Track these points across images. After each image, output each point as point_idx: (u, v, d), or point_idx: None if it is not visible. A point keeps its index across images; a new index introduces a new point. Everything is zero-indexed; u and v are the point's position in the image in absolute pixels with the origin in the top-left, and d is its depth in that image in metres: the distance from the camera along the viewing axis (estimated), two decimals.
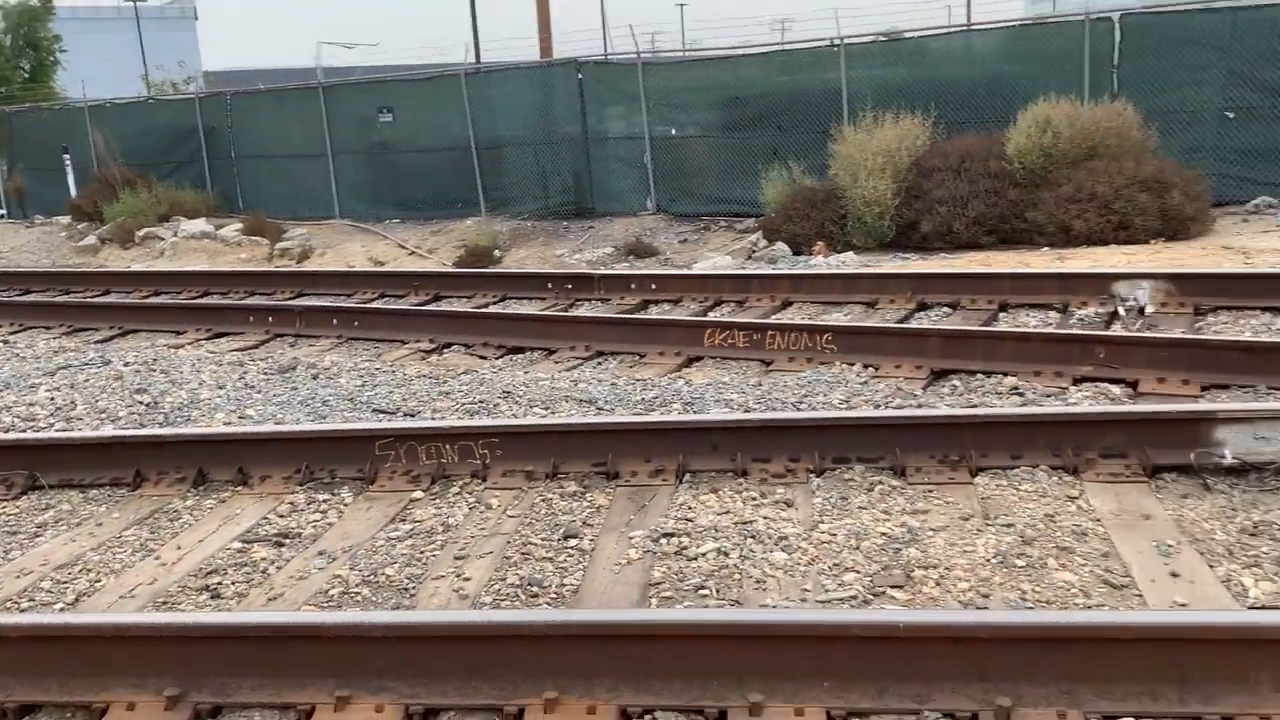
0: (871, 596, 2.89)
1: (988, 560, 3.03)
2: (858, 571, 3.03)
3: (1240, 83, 12.95)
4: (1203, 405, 3.69)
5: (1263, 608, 2.69)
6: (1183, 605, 2.71)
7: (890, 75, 14.73)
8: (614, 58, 17.85)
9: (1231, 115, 12.96)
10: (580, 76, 17.03)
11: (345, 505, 3.92)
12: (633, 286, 7.74)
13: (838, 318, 6.59)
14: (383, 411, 5.07)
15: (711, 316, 6.86)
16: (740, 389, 5.01)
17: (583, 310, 7.52)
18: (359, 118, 18.42)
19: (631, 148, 16.83)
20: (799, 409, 4.58)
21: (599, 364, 5.95)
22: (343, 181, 18.49)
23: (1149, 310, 5.88)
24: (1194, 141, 12.89)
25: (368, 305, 8.31)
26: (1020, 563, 3.00)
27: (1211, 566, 2.93)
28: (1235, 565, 2.95)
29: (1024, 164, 11.49)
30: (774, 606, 2.84)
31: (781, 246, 12.88)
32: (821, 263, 11.44)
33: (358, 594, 3.19)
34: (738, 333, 5.69)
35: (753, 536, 3.32)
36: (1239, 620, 2.19)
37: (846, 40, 14.86)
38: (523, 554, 3.33)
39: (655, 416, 4.35)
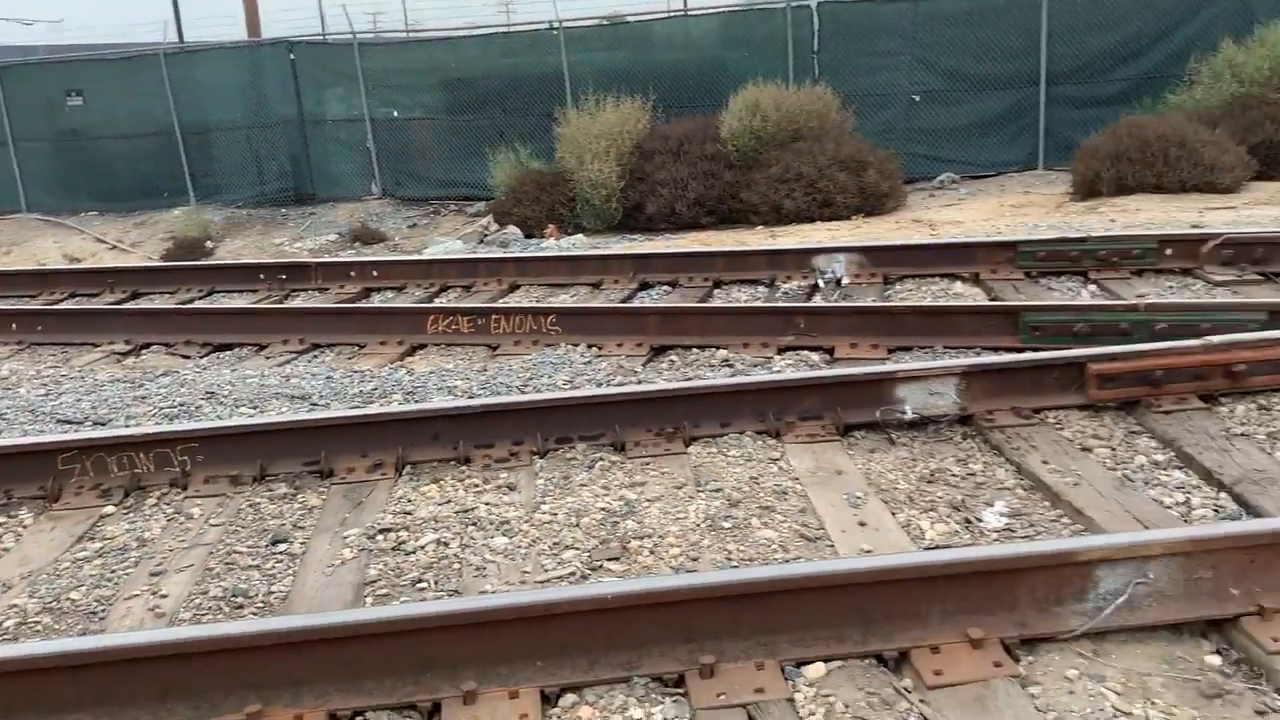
0: (589, 571, 2.94)
1: (698, 525, 3.15)
2: (577, 549, 3.07)
3: (924, 68, 14.17)
4: (886, 367, 4.01)
5: (935, 547, 2.95)
6: (868, 551, 2.93)
7: (612, 59, 15.02)
8: (331, 38, 17.13)
9: (918, 98, 14.17)
10: (293, 57, 16.22)
11: (24, 528, 3.55)
12: (353, 274, 7.47)
13: (564, 299, 6.65)
14: (68, 422, 4.63)
15: (437, 303, 6.74)
16: (465, 375, 4.95)
17: (298, 301, 7.18)
18: (44, 102, 16.68)
19: (353, 131, 16.25)
20: (523, 392, 4.59)
21: (315, 357, 5.71)
22: (28, 172, 16.71)
23: (845, 281, 6.33)
24: (886, 123, 13.99)
25: (54, 306, 7.56)
26: (727, 525, 3.15)
27: (894, 514, 3.19)
28: (915, 510, 3.22)
29: (737, 146, 12.05)
30: (492, 593, 2.82)
31: (513, 230, 12.85)
32: (553, 245, 11.52)
33: (37, 624, 2.90)
34: (462, 318, 5.62)
35: (474, 524, 3.29)
36: (909, 561, 2.39)
37: (566, 24, 14.98)
38: (226, 564, 3.14)
39: (373, 409, 4.22)
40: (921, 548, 2.98)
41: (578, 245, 11.14)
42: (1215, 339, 3.95)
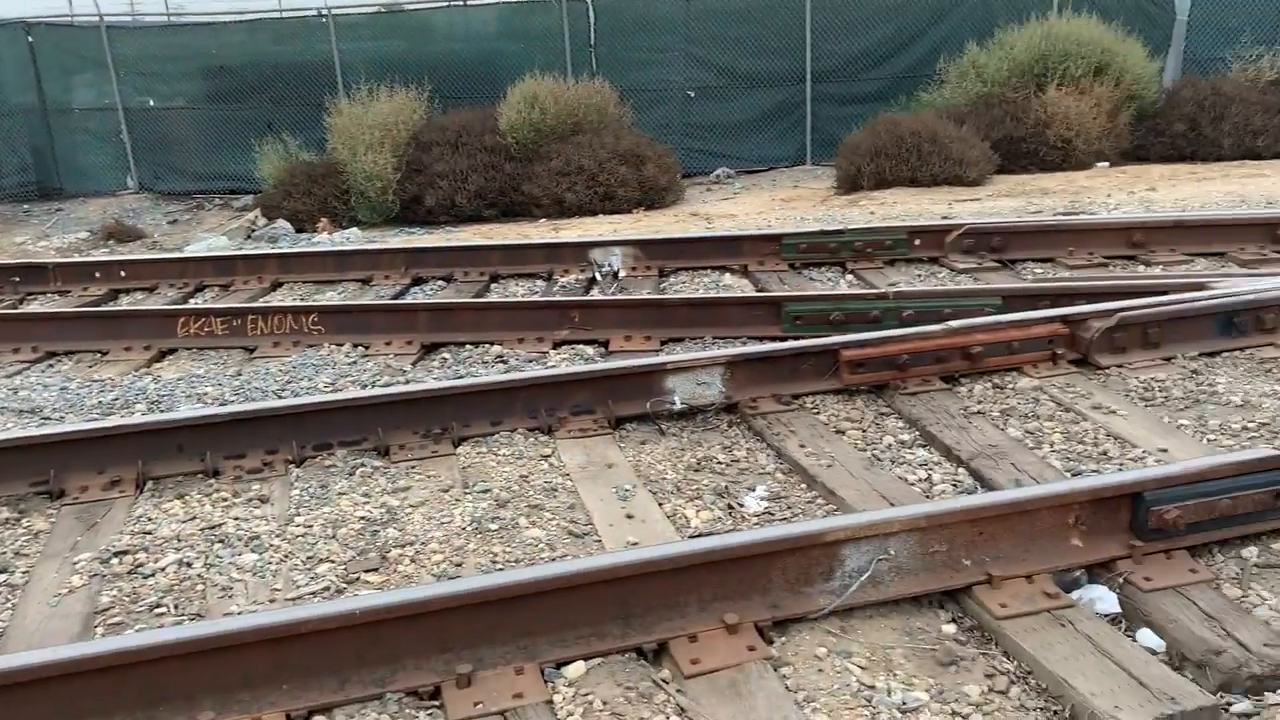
0: (345, 585, 2.81)
1: (463, 529, 3.07)
2: (333, 561, 2.92)
3: (698, 65, 14.54)
4: (655, 359, 4.05)
5: (699, 535, 2.99)
6: (634, 544, 2.93)
7: (386, 48, 14.59)
8: (78, 20, 15.81)
9: (693, 94, 14.52)
10: (31, 40, 14.89)
11: None
12: (98, 275, 6.89)
13: (331, 297, 6.38)
14: None
15: (191, 304, 6.31)
16: (217, 381, 4.65)
17: (34, 306, 6.57)
18: None
19: (105, 120, 15.11)
20: (280, 397, 4.36)
21: (50, 367, 5.22)
22: None
23: (622, 274, 6.38)
24: (664, 118, 14.27)
25: None
26: (494, 526, 3.08)
27: (661, 504, 3.21)
28: (681, 500, 3.26)
29: (516, 138, 11.98)
30: (238, 614, 2.65)
31: (283, 224, 12.28)
32: (326, 240, 11.08)
33: None
34: (216, 320, 5.28)
35: (221, 541, 3.08)
36: (667, 553, 2.41)
37: (336, 11, 14.44)
38: None
39: (111, 421, 3.88)
40: (686, 536, 3.01)
41: (352, 239, 10.77)
42: (955, 324, 4.21)
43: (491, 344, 4.99)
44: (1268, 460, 2.74)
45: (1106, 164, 12.36)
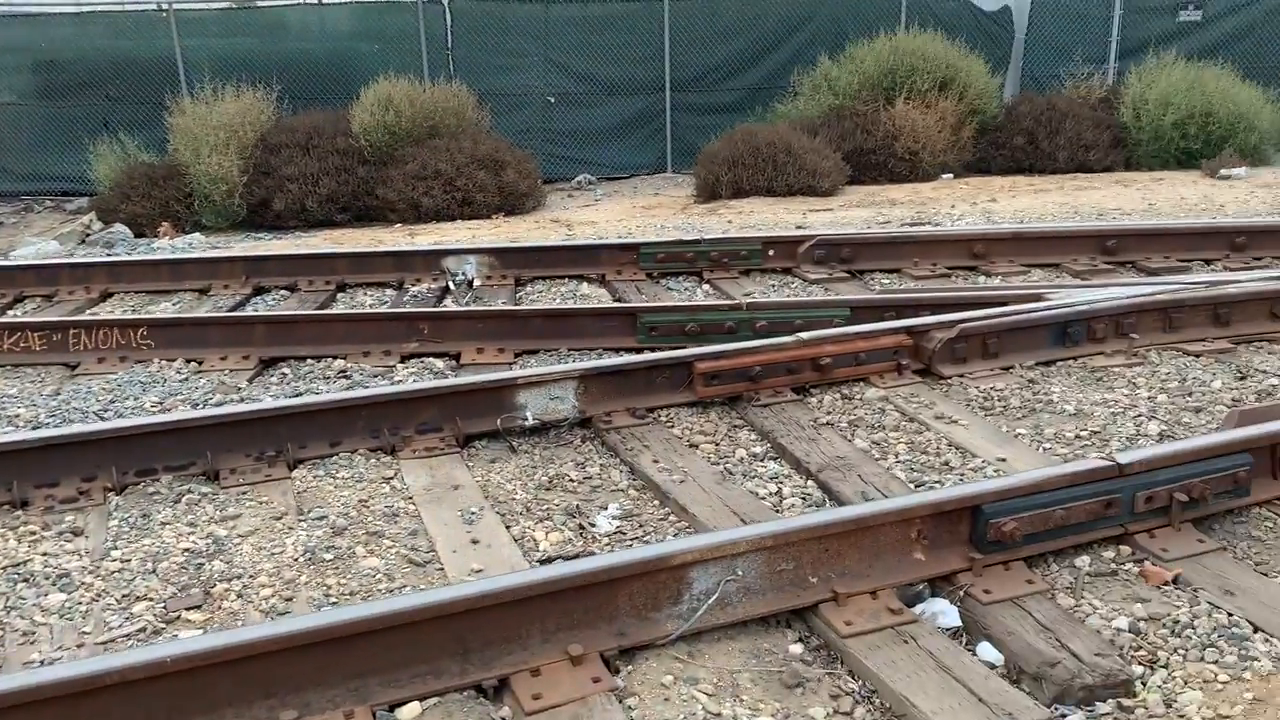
0: (164, 625, 2.60)
1: (296, 560, 2.90)
2: (151, 599, 2.71)
3: (558, 70, 14.44)
4: (506, 373, 3.94)
5: (547, 560, 2.90)
6: (479, 571, 2.82)
7: (233, 45, 13.97)
8: None
9: (553, 99, 14.41)
10: None
11: None
12: None
13: (166, 308, 6.02)
14: None
15: (7, 317, 5.86)
16: (31, 402, 4.31)
17: None
18: None
19: None
20: (102, 418, 4.06)
21: None
22: None
23: (477, 283, 6.23)
24: (524, 123, 14.11)
25: None
26: (329, 556, 2.92)
27: (509, 527, 3.11)
28: (530, 521, 3.16)
29: (370, 141, 11.63)
30: (38, 664, 2.42)
31: (121, 228, 11.59)
32: (167, 245, 10.51)
33: None
34: (32, 334, 4.89)
35: (25, 580, 2.82)
36: (508, 584, 2.31)
37: (178, 6, 13.76)
38: None
39: None
40: (534, 560, 2.92)
41: (195, 245, 10.23)
42: (805, 335, 4.25)
43: (335, 358, 4.78)
44: (1098, 471, 2.82)
45: (951, 176, 12.83)
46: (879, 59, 13.06)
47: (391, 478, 3.47)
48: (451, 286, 6.20)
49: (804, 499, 3.27)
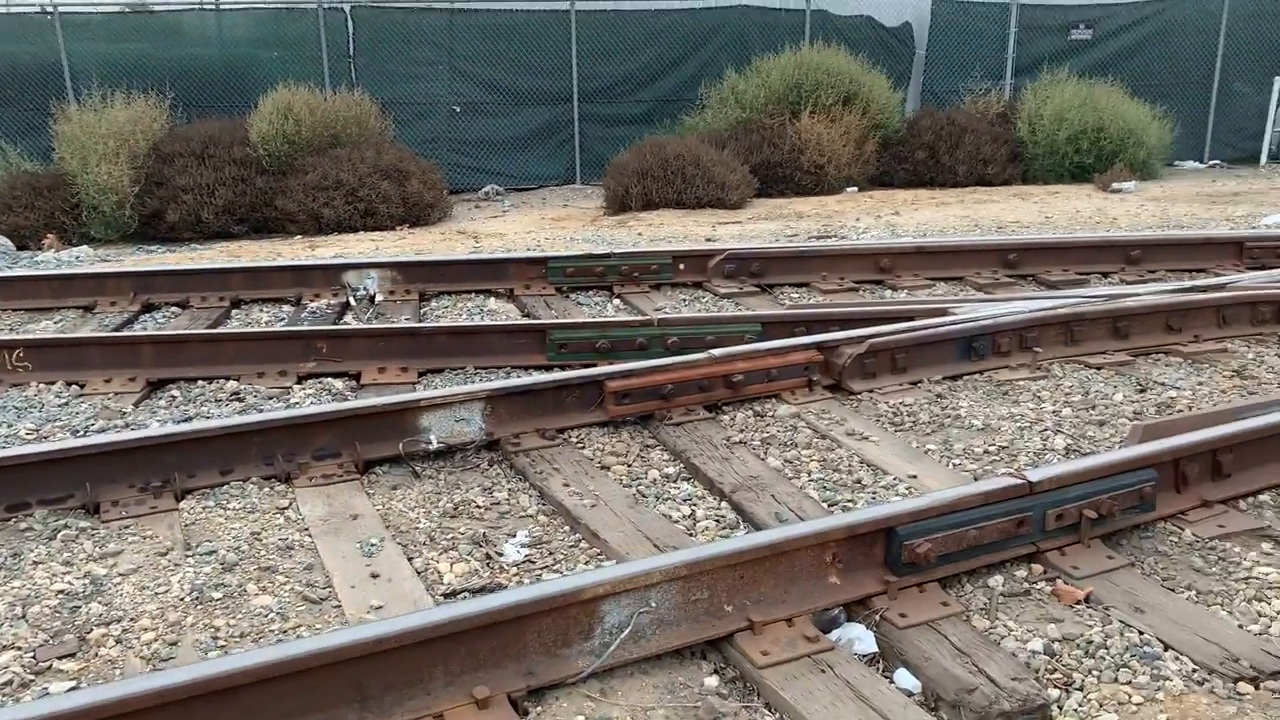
0: (33, 677, 2.40)
1: (182, 600, 2.72)
2: (19, 648, 2.50)
3: (464, 80, 14.26)
4: (409, 395, 3.79)
5: (452, 593, 2.78)
6: (379, 608, 2.68)
7: (124, 51, 13.44)
8: None
9: (458, 109, 14.22)
10: None
11: None
12: None
13: (46, 326, 5.70)
14: None
15: None
16: None
17: None
18: None
19: None
20: None
21: None
22: None
23: (379, 299, 6.04)
24: (429, 133, 13.89)
25: None
26: (218, 595, 2.74)
27: (411, 559, 2.97)
28: (434, 552, 3.03)
29: (269, 151, 11.30)
30: None
31: (3, 240, 11.03)
32: (52, 258, 10.03)
33: None
34: None
35: None
36: (407, 625, 2.18)
37: (64, 9, 13.19)
38: None
39: None
40: (438, 594, 2.79)
41: (83, 258, 9.78)
42: (717, 352, 4.19)
43: (227, 379, 4.56)
44: (1010, 489, 2.81)
45: (855, 189, 13.03)
46: (785, 73, 13.20)
47: (286, 508, 3.30)
48: (352, 302, 6.00)
49: (718, 521, 3.20)
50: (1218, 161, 15.79)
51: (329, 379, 4.62)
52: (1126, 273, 6.62)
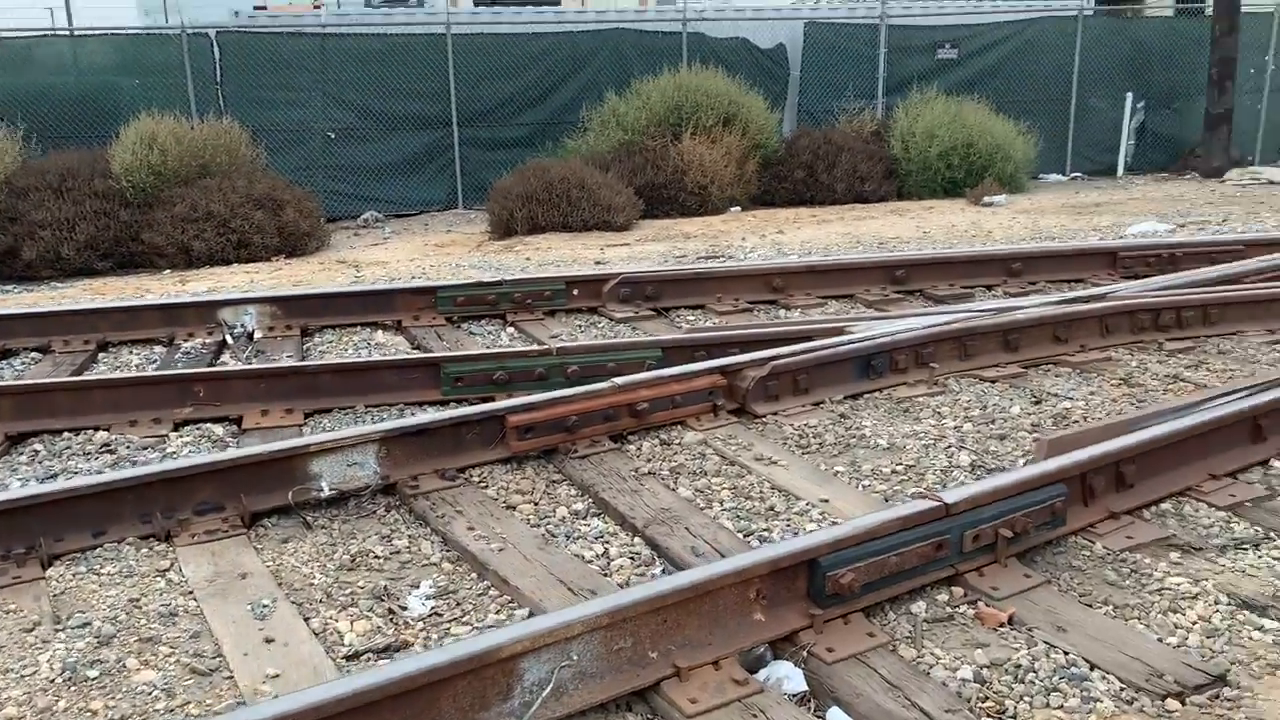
0: None
1: (53, 681, 2.46)
2: None
3: (338, 105, 13.91)
4: (297, 440, 3.56)
5: (354, 655, 2.59)
6: (275, 676, 2.48)
7: None
8: None
9: (333, 135, 13.84)
10: None
11: None
12: None
13: None
14: None
15: None
16: None
17: None
18: None
19: None
20: None
21: None
22: None
23: (258, 336, 5.75)
24: (303, 160, 13.49)
25: None
26: (94, 673, 2.49)
27: (308, 619, 2.77)
28: (333, 609, 2.83)
29: (133, 182, 10.77)
30: None
31: None
32: None
33: None
34: None
35: None
36: (308, 701, 1.99)
37: None
38: None
39: None
40: (340, 657, 2.60)
41: None
42: (621, 380, 4.09)
43: (97, 429, 4.24)
44: (927, 512, 2.78)
45: (739, 208, 13.16)
46: (665, 95, 13.27)
47: (167, 570, 3.05)
48: (230, 340, 5.69)
49: (632, 559, 3.09)
50: (1079, 174, 16.52)
51: (208, 425, 4.34)
52: (1009, 285, 6.80)
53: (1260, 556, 2.94)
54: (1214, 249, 7.15)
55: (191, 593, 2.91)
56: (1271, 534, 3.07)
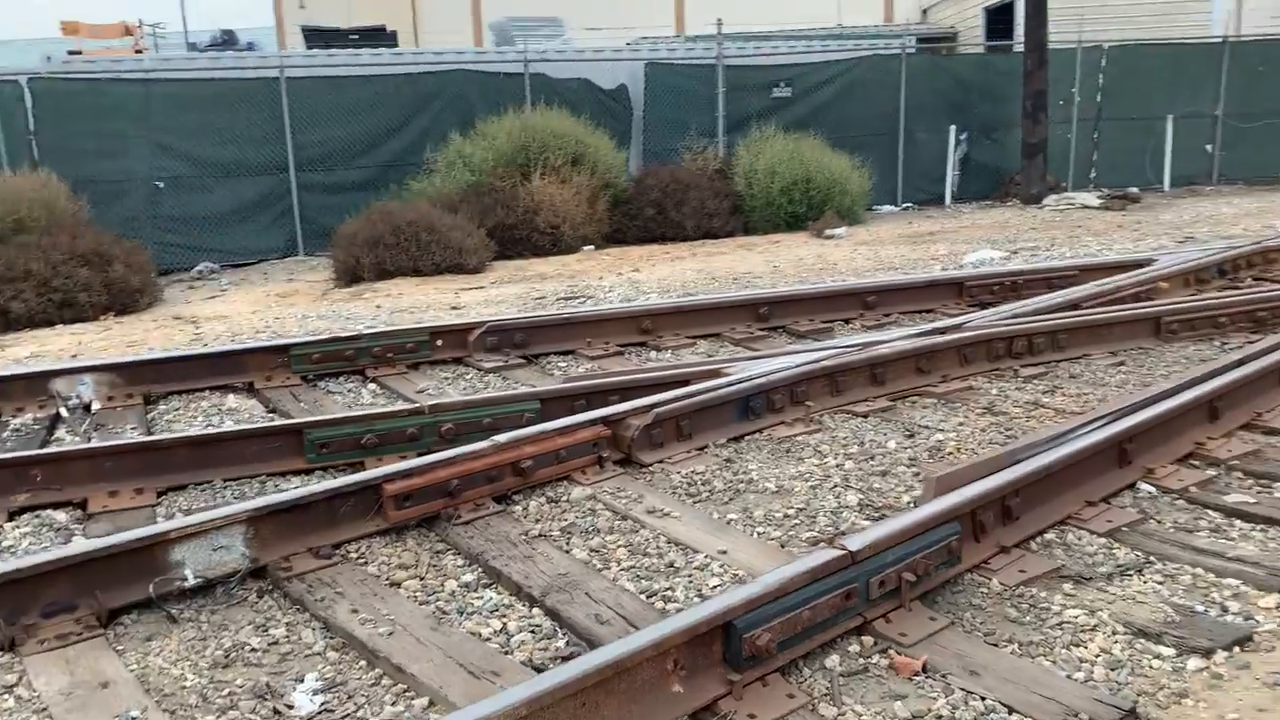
0: None
1: None
2: None
3: (165, 153, 13.25)
4: (155, 527, 3.27)
5: None
6: None
7: None
8: None
9: (161, 184, 13.16)
10: None
11: None
12: None
13: None
14: None
15: None
16: None
17: None
18: None
19: None
20: None
21: None
22: None
23: (96, 407, 5.32)
24: (130, 211, 12.77)
25: None
26: None
27: None
28: (210, 716, 2.58)
29: None
30: None
31: None
32: None
33: None
34: None
35: None
36: None
37: None
38: None
39: None
40: None
41: None
42: (502, 438, 3.95)
43: None
44: (834, 562, 2.76)
45: (592, 247, 13.16)
46: (511, 136, 13.19)
47: (15, 684, 2.72)
48: (64, 414, 5.24)
49: (534, 633, 2.94)
50: (910, 204, 17.29)
51: (48, 511, 3.95)
52: (865, 318, 6.98)
53: (1145, 582, 3.04)
54: (1051, 275, 7.55)
55: (46, 709, 2.60)
56: (1152, 558, 3.19)
